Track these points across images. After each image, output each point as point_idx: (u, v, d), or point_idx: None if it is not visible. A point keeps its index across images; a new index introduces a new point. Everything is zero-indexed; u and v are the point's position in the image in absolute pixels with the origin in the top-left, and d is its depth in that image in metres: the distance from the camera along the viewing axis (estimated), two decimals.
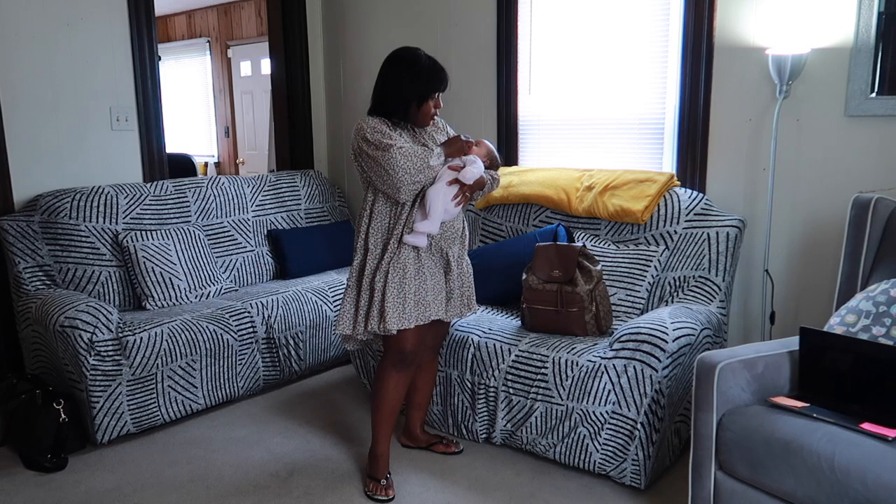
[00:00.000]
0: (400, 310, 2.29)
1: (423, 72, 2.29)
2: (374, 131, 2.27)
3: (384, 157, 2.23)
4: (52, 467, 2.67)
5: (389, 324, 2.26)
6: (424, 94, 2.30)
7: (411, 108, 2.32)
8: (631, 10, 3.24)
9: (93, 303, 2.84)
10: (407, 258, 2.31)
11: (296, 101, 4.45)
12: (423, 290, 2.34)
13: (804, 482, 1.75)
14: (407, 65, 2.29)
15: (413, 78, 2.28)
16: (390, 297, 2.28)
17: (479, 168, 2.36)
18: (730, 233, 2.83)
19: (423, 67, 2.29)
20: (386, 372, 2.45)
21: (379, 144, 2.25)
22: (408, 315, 2.30)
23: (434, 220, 2.29)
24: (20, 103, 3.22)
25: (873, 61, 2.60)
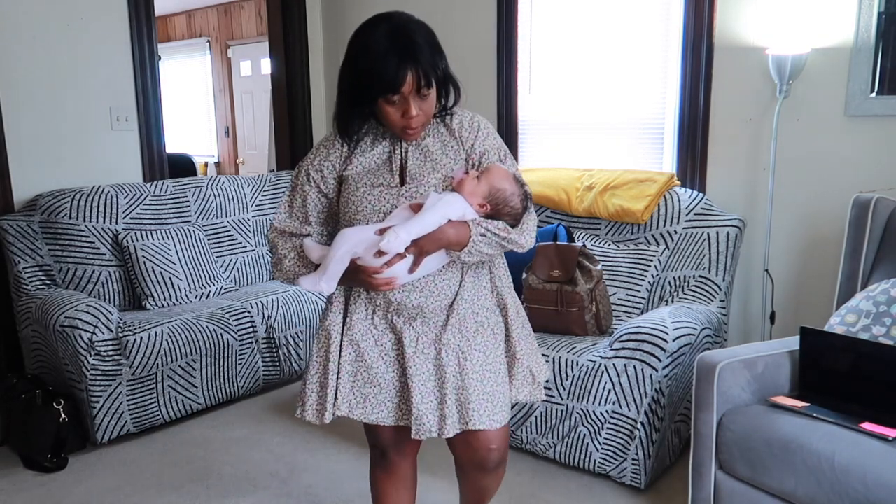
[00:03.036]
0: (349, 389, 1.64)
1: (361, 67, 1.49)
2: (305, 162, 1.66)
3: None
4: (52, 467, 2.66)
5: (340, 405, 1.62)
6: (363, 98, 1.51)
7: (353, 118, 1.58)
8: (631, 10, 3.24)
9: (93, 303, 2.84)
10: (361, 319, 1.63)
11: (296, 101, 4.45)
12: (367, 374, 1.63)
13: (804, 482, 1.75)
14: (350, 51, 1.53)
15: (349, 73, 1.53)
16: (346, 366, 1.63)
17: (431, 222, 1.48)
18: (730, 232, 2.83)
19: (363, 58, 1.48)
20: (370, 467, 1.91)
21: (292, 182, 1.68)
22: (355, 401, 1.63)
23: (326, 277, 1.54)
24: (20, 103, 3.22)
25: (873, 61, 2.60)
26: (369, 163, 1.61)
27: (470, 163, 1.62)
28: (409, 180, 1.58)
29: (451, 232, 1.51)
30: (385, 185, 1.58)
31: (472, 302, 1.63)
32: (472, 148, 1.63)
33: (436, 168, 1.59)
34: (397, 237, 1.45)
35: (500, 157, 1.65)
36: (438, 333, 1.61)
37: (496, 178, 1.56)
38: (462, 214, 1.53)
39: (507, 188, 1.56)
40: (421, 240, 1.49)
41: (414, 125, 1.52)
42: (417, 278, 1.56)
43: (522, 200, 1.60)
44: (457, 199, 1.53)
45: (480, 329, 1.63)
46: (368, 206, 1.56)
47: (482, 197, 1.55)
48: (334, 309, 1.66)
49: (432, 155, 1.60)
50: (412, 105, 1.49)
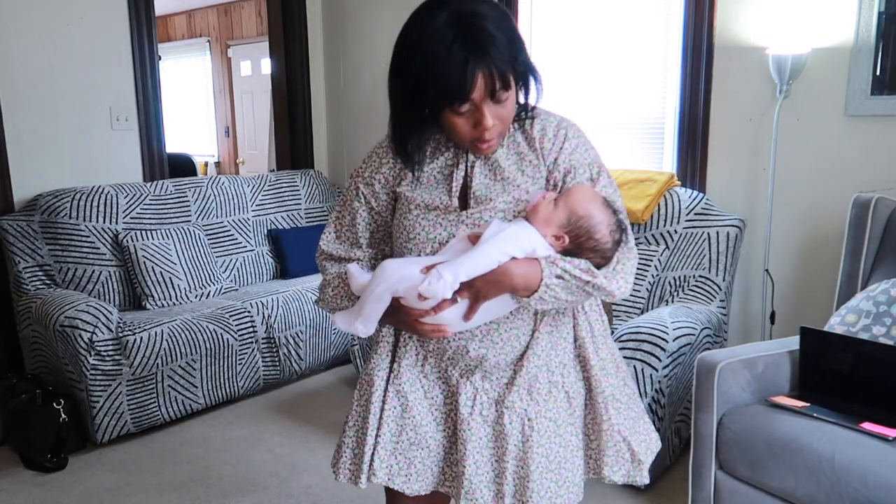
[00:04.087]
0: (391, 451, 1.37)
1: (417, 69, 1.17)
2: (356, 172, 1.40)
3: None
4: (52, 467, 2.66)
5: (378, 470, 1.35)
6: (423, 108, 1.21)
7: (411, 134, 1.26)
8: (631, 11, 3.24)
9: (93, 302, 2.84)
10: (410, 366, 1.37)
11: (296, 101, 4.45)
12: (413, 434, 1.35)
13: (804, 482, 1.75)
14: (400, 48, 1.21)
15: (402, 77, 1.21)
16: (389, 422, 1.36)
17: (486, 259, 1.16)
18: (730, 232, 2.83)
19: (419, 57, 1.16)
20: None
21: (341, 200, 1.42)
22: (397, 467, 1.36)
23: (362, 317, 1.28)
24: (20, 103, 3.22)
25: (873, 61, 2.60)
26: (427, 178, 1.31)
27: (552, 182, 1.28)
28: (474, 204, 1.27)
29: (517, 272, 1.16)
30: (442, 208, 1.28)
31: (548, 357, 1.31)
32: (554, 163, 1.28)
33: (507, 189, 1.27)
34: (440, 279, 1.15)
35: (592, 175, 1.28)
36: (502, 393, 1.31)
37: (579, 202, 1.21)
38: (531, 250, 1.18)
39: (592, 216, 1.20)
40: (476, 282, 1.16)
41: (489, 137, 1.21)
42: (476, 326, 1.26)
43: (614, 233, 1.23)
44: (525, 229, 1.19)
45: (553, 391, 1.32)
46: (422, 232, 1.28)
47: (559, 227, 1.20)
48: (381, 351, 1.39)
49: (504, 172, 1.27)
50: (486, 114, 1.17)
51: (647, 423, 1.41)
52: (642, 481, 1.40)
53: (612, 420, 1.34)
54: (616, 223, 1.24)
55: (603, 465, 1.36)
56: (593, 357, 1.34)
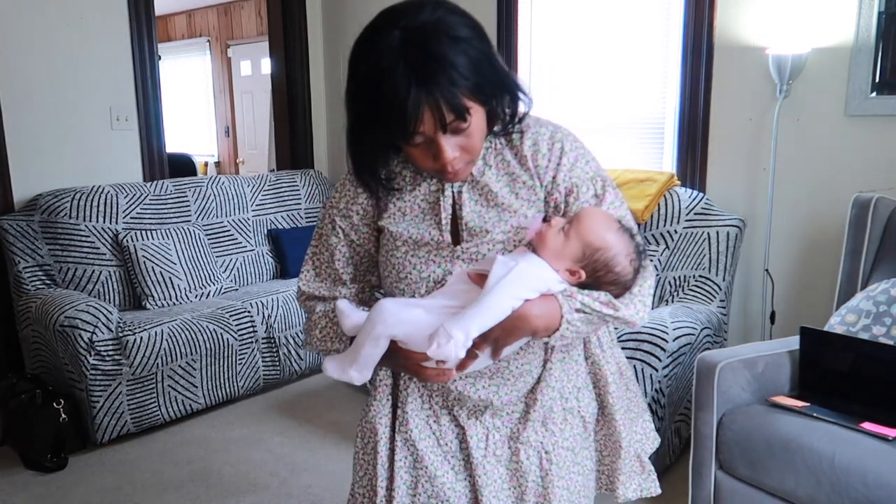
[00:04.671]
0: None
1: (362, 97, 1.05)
2: (329, 203, 1.26)
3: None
4: (52, 467, 2.66)
5: None
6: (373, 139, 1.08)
7: (369, 161, 1.14)
8: (631, 11, 3.24)
9: (93, 302, 2.84)
10: (416, 410, 1.24)
11: (296, 101, 4.45)
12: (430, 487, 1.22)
13: (804, 481, 1.75)
14: (351, 67, 1.07)
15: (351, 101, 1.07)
16: (401, 474, 1.22)
17: (497, 309, 1.03)
18: (730, 232, 2.83)
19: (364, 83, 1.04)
20: None
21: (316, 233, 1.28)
22: None
23: (357, 364, 1.14)
24: (20, 103, 3.22)
25: (873, 61, 2.60)
26: (410, 209, 1.17)
27: (552, 204, 1.15)
28: (467, 236, 1.14)
29: (535, 314, 1.04)
30: (433, 244, 1.15)
31: (561, 385, 1.22)
32: (553, 182, 1.15)
33: (502, 216, 1.14)
34: (449, 340, 1.01)
35: (597, 191, 1.15)
36: (515, 428, 1.21)
37: (593, 232, 1.08)
38: (544, 288, 1.06)
39: (610, 247, 1.08)
40: (492, 332, 1.04)
41: (452, 169, 1.08)
42: (484, 366, 1.15)
43: (634, 261, 1.11)
44: (533, 265, 1.06)
45: (569, 417, 1.23)
46: (413, 272, 1.15)
47: (573, 261, 1.08)
48: (379, 395, 1.26)
49: (496, 197, 1.14)
50: (443, 147, 1.04)
51: (645, 423, 1.33)
52: (655, 491, 1.32)
53: (627, 436, 1.27)
54: (635, 249, 1.11)
55: (617, 482, 1.28)
56: (605, 373, 1.26)
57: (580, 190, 1.15)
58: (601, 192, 1.16)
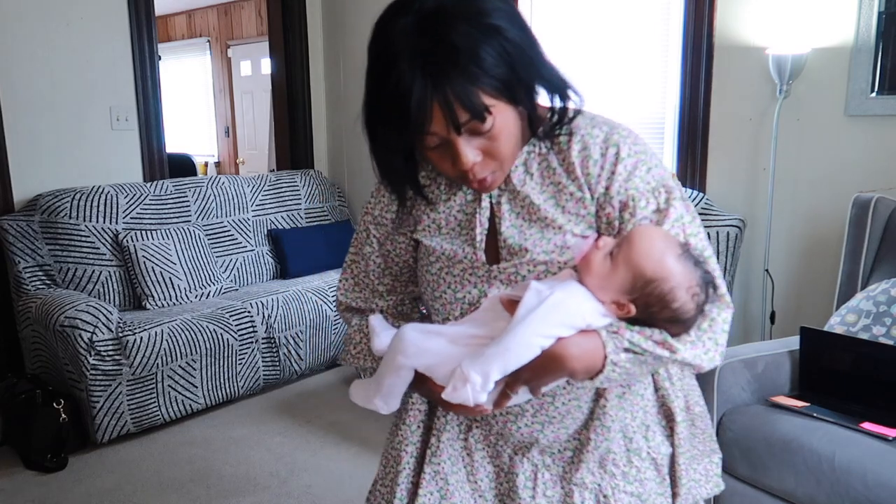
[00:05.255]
0: None
1: (368, 90, 0.97)
2: (365, 210, 1.16)
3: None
4: (52, 467, 2.66)
5: None
6: (387, 137, 0.97)
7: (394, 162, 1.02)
8: (631, 11, 3.24)
9: (93, 302, 2.84)
10: (451, 448, 1.11)
11: (296, 101, 4.45)
12: None
13: (804, 481, 1.75)
14: (369, 57, 0.97)
15: (365, 96, 0.98)
16: None
17: (523, 350, 0.88)
18: (730, 232, 2.83)
19: (370, 75, 0.96)
20: None
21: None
22: None
23: (382, 394, 1.04)
24: (20, 103, 3.22)
25: (873, 61, 2.60)
26: (445, 220, 1.05)
27: (605, 221, 0.98)
28: (506, 255, 1.01)
29: (571, 355, 0.88)
30: (467, 262, 1.03)
31: (623, 423, 1.05)
32: (605, 194, 0.98)
33: (545, 233, 0.99)
34: (466, 382, 0.88)
35: (659, 205, 0.97)
36: (567, 468, 1.07)
37: (646, 258, 0.90)
38: (582, 325, 0.90)
39: (666, 278, 0.89)
40: (521, 372, 0.89)
41: (476, 177, 0.95)
42: (524, 401, 1.00)
43: (698, 295, 0.92)
44: (572, 295, 0.90)
45: (635, 460, 1.07)
46: (448, 291, 1.04)
47: (621, 292, 0.91)
48: (410, 420, 1.13)
49: (539, 210, 0.99)
50: (462, 150, 0.91)
51: (711, 463, 1.14)
52: None
53: (683, 478, 1.09)
54: (700, 281, 0.92)
55: None
56: (673, 408, 1.09)
57: (637, 204, 0.96)
58: (664, 206, 0.97)
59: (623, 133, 1.00)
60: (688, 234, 0.97)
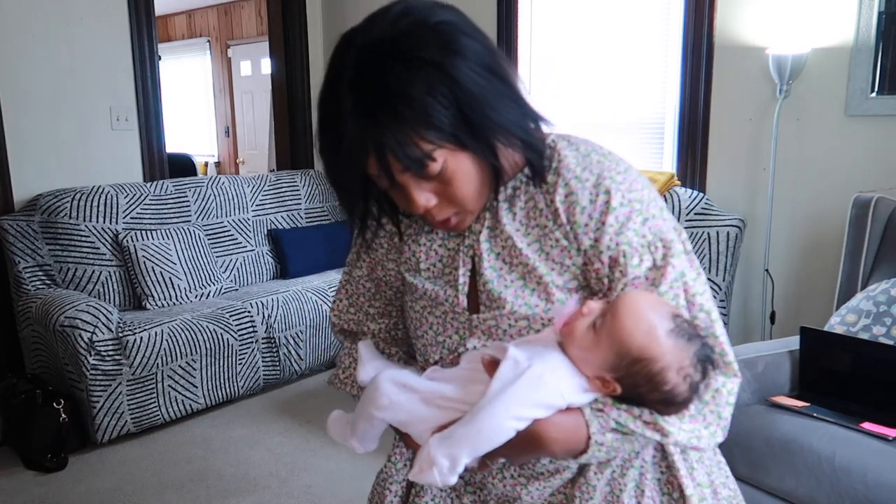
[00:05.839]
0: None
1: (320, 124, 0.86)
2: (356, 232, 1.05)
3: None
4: (52, 467, 2.66)
5: None
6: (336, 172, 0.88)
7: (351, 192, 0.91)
8: (631, 11, 3.24)
9: (93, 302, 2.84)
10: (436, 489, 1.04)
11: (296, 101, 4.45)
12: None
13: (804, 481, 1.75)
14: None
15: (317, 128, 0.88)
16: None
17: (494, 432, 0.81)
18: (730, 232, 2.83)
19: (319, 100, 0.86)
20: None
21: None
22: None
23: (357, 435, 1.00)
24: (20, 103, 3.22)
25: (873, 61, 2.60)
26: (426, 254, 0.97)
27: (594, 276, 0.88)
28: (485, 301, 0.92)
29: (551, 435, 0.81)
30: (449, 305, 0.95)
31: (610, 483, 0.93)
32: (594, 247, 0.86)
33: (527, 282, 0.89)
34: (432, 465, 0.82)
35: (656, 261, 0.86)
36: None
37: (630, 335, 0.80)
38: (561, 404, 0.82)
39: (655, 358, 0.80)
40: (496, 452, 0.82)
41: (435, 219, 0.88)
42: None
43: (693, 375, 0.82)
44: (552, 370, 0.82)
45: None
46: (430, 331, 0.97)
47: (603, 368, 0.82)
48: (395, 458, 1.08)
49: (520, 255, 0.89)
50: (413, 194, 0.84)
51: None
52: None
53: None
54: (696, 357, 0.81)
55: None
56: (689, 484, 0.93)
57: (629, 262, 0.85)
58: (661, 262, 0.85)
59: (617, 176, 0.87)
60: (691, 295, 0.86)
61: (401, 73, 0.77)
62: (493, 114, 0.81)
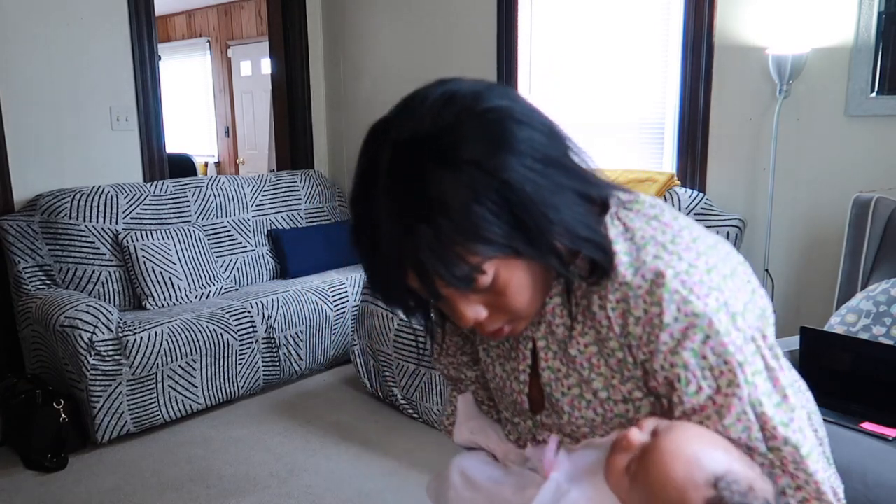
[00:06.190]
0: None
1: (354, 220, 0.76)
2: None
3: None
4: (52, 467, 2.66)
5: None
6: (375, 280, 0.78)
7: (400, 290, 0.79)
8: (631, 11, 3.24)
9: (93, 302, 2.84)
10: None
11: (296, 101, 4.45)
12: None
13: None
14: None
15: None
16: None
17: None
18: (730, 232, 2.83)
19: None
20: None
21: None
22: None
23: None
24: (20, 103, 3.22)
25: (873, 61, 2.60)
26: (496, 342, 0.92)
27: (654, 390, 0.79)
28: (547, 405, 0.87)
29: None
30: (515, 396, 0.90)
31: None
32: (649, 362, 0.76)
33: (584, 393, 0.82)
34: None
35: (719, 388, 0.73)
36: None
37: (662, 493, 0.71)
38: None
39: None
40: None
41: (486, 330, 0.80)
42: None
43: None
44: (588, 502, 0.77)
45: None
46: (505, 413, 0.95)
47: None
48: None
49: (575, 363, 0.82)
50: (461, 309, 0.76)
51: None
52: None
53: None
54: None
55: None
56: None
57: (685, 389, 0.73)
58: (727, 389, 0.72)
59: (674, 282, 0.72)
60: (770, 427, 0.73)
61: (443, 178, 0.66)
62: (554, 213, 0.69)
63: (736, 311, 0.74)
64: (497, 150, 0.67)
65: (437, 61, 3.90)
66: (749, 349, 0.74)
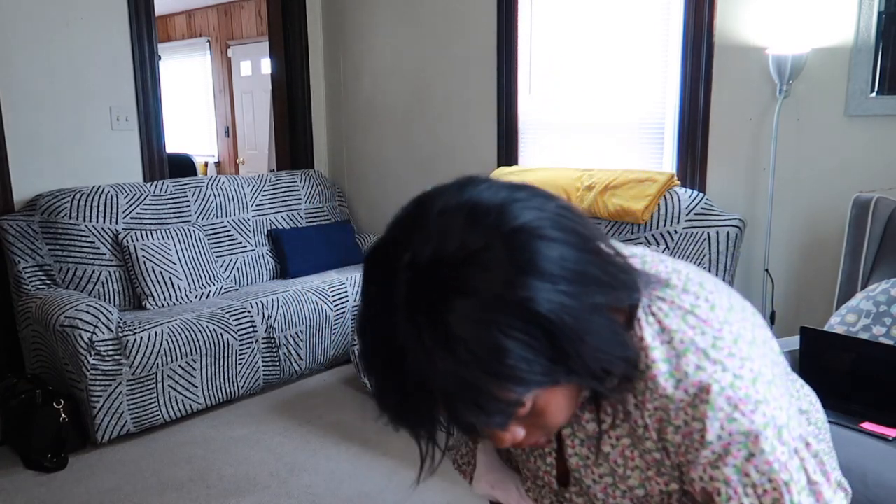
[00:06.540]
0: None
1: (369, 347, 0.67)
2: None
3: None
4: (52, 467, 2.66)
5: None
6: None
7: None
8: (631, 10, 3.24)
9: (93, 302, 2.84)
10: None
11: (296, 101, 4.45)
12: None
13: None
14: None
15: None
16: None
17: None
18: (730, 232, 2.83)
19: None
20: None
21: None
22: None
23: None
24: (20, 103, 3.22)
25: (873, 61, 2.60)
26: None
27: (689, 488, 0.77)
28: (575, 483, 0.86)
29: None
30: (542, 475, 0.90)
31: None
32: (687, 471, 0.75)
33: (618, 484, 0.81)
34: None
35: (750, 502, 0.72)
36: None
37: None
38: None
39: None
40: None
41: (524, 445, 0.76)
42: None
43: None
44: None
45: None
46: (528, 482, 0.95)
47: None
48: None
49: (608, 459, 0.81)
50: (498, 436, 0.73)
51: None
52: None
53: None
54: None
55: None
56: None
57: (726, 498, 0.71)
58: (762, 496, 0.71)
59: (719, 399, 0.69)
60: None
61: (468, 315, 0.59)
62: (592, 338, 0.64)
63: (782, 425, 0.71)
64: (526, 278, 0.60)
65: (438, 61, 3.90)
66: (794, 464, 0.71)
